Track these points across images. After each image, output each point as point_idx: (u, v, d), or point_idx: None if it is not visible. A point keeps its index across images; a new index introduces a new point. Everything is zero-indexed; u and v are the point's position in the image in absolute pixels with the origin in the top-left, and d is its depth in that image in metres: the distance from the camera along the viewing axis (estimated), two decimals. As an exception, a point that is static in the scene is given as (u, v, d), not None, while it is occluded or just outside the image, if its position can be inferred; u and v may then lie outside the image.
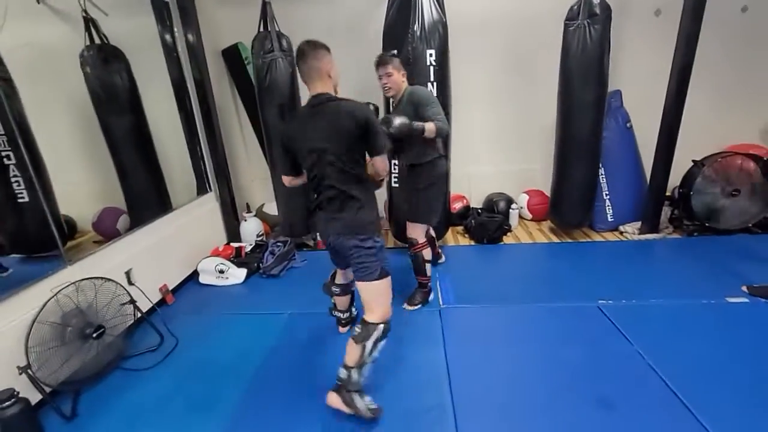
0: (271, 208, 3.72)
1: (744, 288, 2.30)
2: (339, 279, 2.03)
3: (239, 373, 1.90)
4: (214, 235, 3.27)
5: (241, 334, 2.23)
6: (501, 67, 3.49)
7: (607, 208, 3.32)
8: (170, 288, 2.65)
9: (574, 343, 1.96)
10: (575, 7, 2.77)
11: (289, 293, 2.65)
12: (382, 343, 1.53)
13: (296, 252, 3.14)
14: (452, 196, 3.44)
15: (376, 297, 1.55)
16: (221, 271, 2.81)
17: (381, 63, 2.15)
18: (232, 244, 3.21)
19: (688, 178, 3.14)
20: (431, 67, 2.67)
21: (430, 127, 2.02)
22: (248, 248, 3.15)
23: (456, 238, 3.46)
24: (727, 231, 3.05)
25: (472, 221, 3.37)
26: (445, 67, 2.75)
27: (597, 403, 1.60)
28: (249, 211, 3.48)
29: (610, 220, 3.33)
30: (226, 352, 2.08)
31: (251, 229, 3.37)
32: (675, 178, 3.18)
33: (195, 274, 2.91)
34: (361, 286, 1.56)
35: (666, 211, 3.27)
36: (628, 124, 3.30)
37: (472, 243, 3.33)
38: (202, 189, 3.19)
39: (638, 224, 3.25)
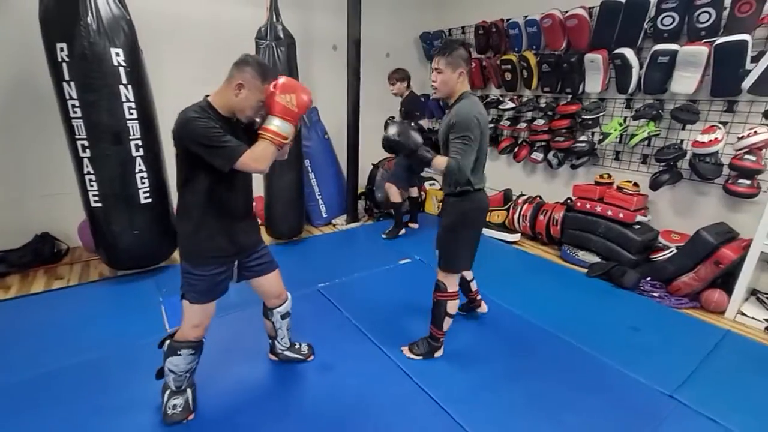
0: None
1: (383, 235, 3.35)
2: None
3: None
4: None
5: None
6: (202, 77, 3.44)
7: (320, 206, 3.91)
8: None
9: (303, 324, 2.25)
10: (262, 28, 3.07)
11: None
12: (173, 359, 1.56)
13: None
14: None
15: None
16: None
17: (436, 53, 1.74)
18: None
19: (372, 177, 4.12)
20: (121, 68, 2.35)
21: (438, 162, 1.66)
22: None
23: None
24: (399, 214, 4.22)
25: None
26: (139, 68, 2.47)
27: (322, 367, 1.93)
28: None
29: (324, 215, 3.93)
30: None
31: None
32: (363, 177, 4.11)
33: None
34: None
35: (361, 204, 4.18)
36: (326, 136, 3.99)
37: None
38: None
39: (344, 217, 4.00)
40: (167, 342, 1.57)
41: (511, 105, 3.82)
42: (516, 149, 3.91)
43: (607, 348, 2.12)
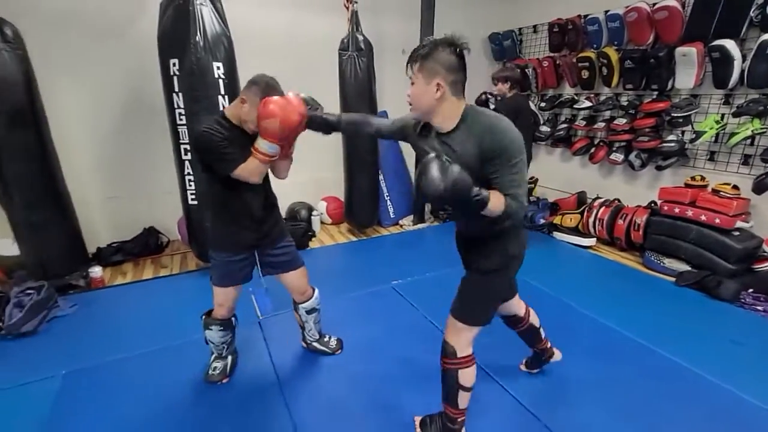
0: (3, 247, 2.79)
1: None
2: None
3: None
4: None
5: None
6: (287, 87, 3.70)
7: (389, 207, 4.02)
8: None
9: (378, 320, 2.35)
10: (345, 39, 3.26)
11: (59, 349, 2.08)
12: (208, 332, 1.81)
13: (59, 297, 2.47)
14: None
15: None
16: (-75, 347, 1.94)
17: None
18: (-63, 305, 2.23)
19: (438, 179, 4.15)
20: (221, 80, 2.61)
21: (495, 205, 1.16)
22: (-28, 306, 2.26)
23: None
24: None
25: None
26: (234, 80, 2.73)
27: (403, 360, 2.00)
28: (-34, 255, 2.50)
29: (392, 216, 4.04)
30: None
31: (-28, 279, 2.44)
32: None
33: None
34: None
35: (428, 205, 4.22)
36: (394, 138, 4.09)
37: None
38: None
39: (411, 217, 4.08)
40: (203, 318, 1.82)
41: (587, 104, 3.66)
42: (592, 150, 3.73)
43: (705, 361, 1.98)
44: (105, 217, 3.26)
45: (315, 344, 2.08)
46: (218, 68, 2.60)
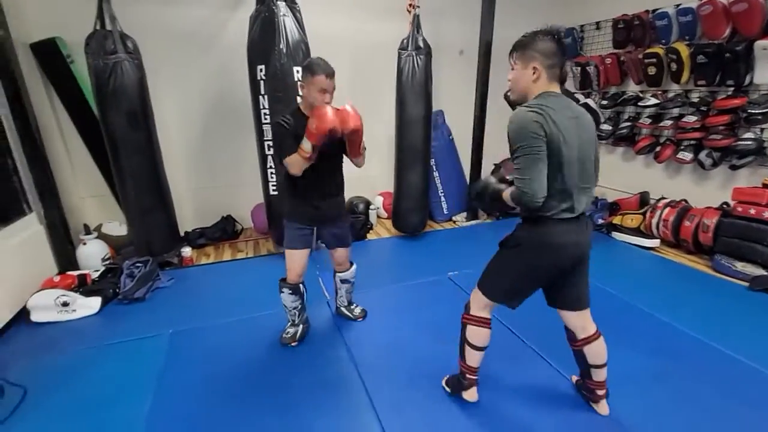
0: (113, 228, 3.28)
1: None
2: None
3: (132, 405, 1.73)
4: (40, 265, 2.68)
5: (115, 367, 1.98)
6: (348, 85, 3.95)
7: (442, 203, 4.14)
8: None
9: (438, 305, 2.50)
10: (405, 40, 3.43)
11: (164, 313, 2.45)
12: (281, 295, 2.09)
13: (160, 271, 2.87)
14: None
15: None
16: (65, 304, 2.36)
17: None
18: (69, 272, 2.70)
19: (493, 177, 4.21)
20: (300, 83, 2.88)
21: (505, 195, 1.44)
22: (95, 274, 2.71)
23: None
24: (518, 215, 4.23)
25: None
26: (308, 82, 3.01)
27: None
28: (88, 233, 2.97)
29: (445, 212, 4.16)
30: (102, 389, 1.83)
31: (94, 252, 2.90)
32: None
33: (21, 315, 2.36)
34: None
35: (481, 203, 4.29)
36: (450, 137, 4.22)
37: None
38: (15, 211, 2.58)
39: (464, 214, 4.17)
40: (280, 281, 2.09)
41: (654, 101, 3.56)
42: (658, 149, 3.62)
43: (771, 362, 1.92)
44: (191, 205, 3.69)
45: (342, 309, 2.41)
46: (297, 72, 2.88)
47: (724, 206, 3.11)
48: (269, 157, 3.04)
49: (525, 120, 1.29)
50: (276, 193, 3.10)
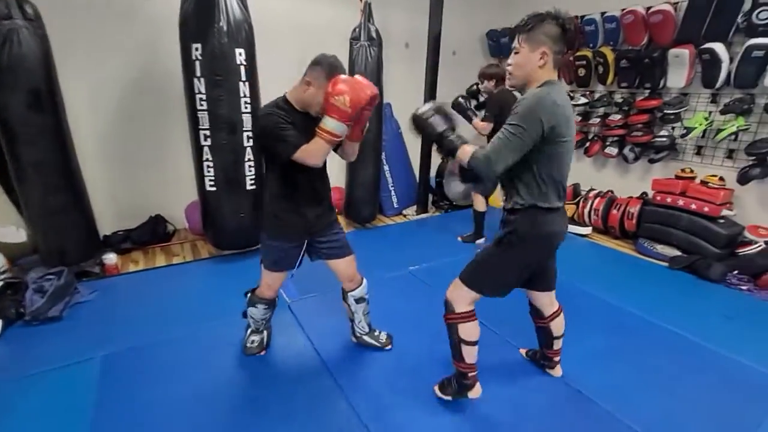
0: (8, 234, 2.70)
1: (459, 238, 3.43)
2: None
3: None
4: None
5: (38, 403, 1.62)
6: (296, 73, 3.71)
7: (393, 197, 4.10)
8: None
9: (403, 300, 2.46)
10: (357, 29, 3.30)
11: (90, 333, 2.06)
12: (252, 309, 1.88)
13: (78, 284, 2.42)
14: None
15: None
16: (-53, 333, 1.87)
17: (517, 28, 1.37)
18: (-51, 292, 2.15)
19: (441, 170, 4.27)
20: (242, 66, 2.61)
21: (463, 150, 1.35)
22: (-13, 293, 2.19)
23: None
24: (465, 207, 4.36)
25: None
26: (254, 67, 2.74)
27: (438, 334, 2.09)
28: (-26, 242, 2.40)
29: (396, 206, 4.13)
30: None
31: (-16, 265, 2.35)
32: (433, 171, 4.27)
33: None
34: None
35: (430, 196, 4.34)
36: (399, 130, 4.18)
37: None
38: None
39: (414, 207, 4.18)
40: (249, 295, 1.88)
41: (583, 100, 3.87)
42: (587, 144, 3.95)
43: (705, 333, 2.19)
44: (111, 205, 3.18)
45: (365, 338, 2.02)
46: (240, 54, 2.60)
47: (644, 195, 3.49)
48: (205, 149, 2.71)
49: (542, 104, 1.25)
50: (214, 189, 2.79)
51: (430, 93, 3.81)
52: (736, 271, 2.80)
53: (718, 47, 2.87)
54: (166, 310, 2.32)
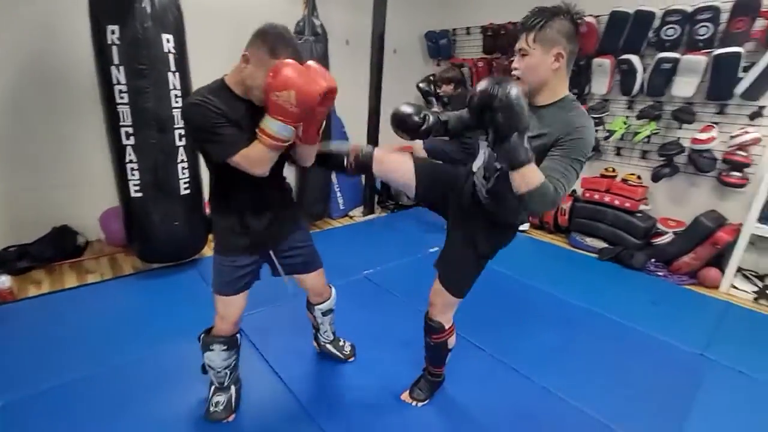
0: None
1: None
2: None
3: None
4: None
5: None
6: (228, 66, 3.40)
7: (339, 199, 3.96)
8: None
9: (363, 309, 2.35)
10: (300, 23, 3.11)
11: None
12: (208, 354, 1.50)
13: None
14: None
15: None
16: None
17: (523, 25, 1.16)
18: None
19: (385, 171, 4.22)
20: (171, 55, 2.29)
21: (533, 171, 1.05)
22: None
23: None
24: (410, 206, 4.37)
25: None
26: (184, 56, 2.43)
27: (404, 342, 2.03)
28: None
29: (342, 207, 3.99)
30: None
31: None
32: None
33: None
34: None
35: (377, 196, 4.27)
36: (343, 129, 4.04)
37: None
38: None
39: (361, 209, 4.09)
40: (202, 337, 1.50)
41: (518, 103, 4.08)
42: (522, 145, 4.17)
43: (634, 317, 2.41)
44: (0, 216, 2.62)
45: (329, 346, 1.90)
46: (168, 41, 2.28)
47: (574, 193, 3.79)
48: (128, 149, 2.35)
49: (593, 136, 1.13)
50: (140, 194, 2.43)
51: (376, 91, 3.74)
52: (653, 260, 3.15)
53: (635, 59, 3.18)
54: (82, 341, 1.95)
